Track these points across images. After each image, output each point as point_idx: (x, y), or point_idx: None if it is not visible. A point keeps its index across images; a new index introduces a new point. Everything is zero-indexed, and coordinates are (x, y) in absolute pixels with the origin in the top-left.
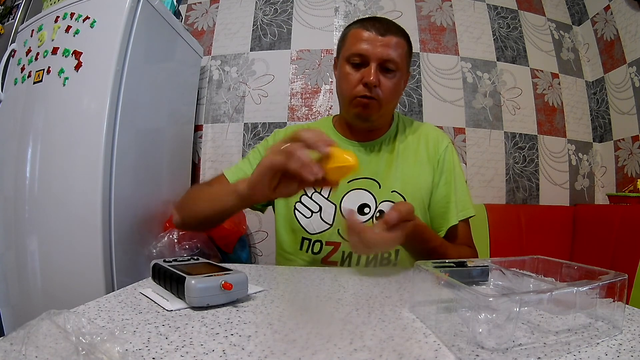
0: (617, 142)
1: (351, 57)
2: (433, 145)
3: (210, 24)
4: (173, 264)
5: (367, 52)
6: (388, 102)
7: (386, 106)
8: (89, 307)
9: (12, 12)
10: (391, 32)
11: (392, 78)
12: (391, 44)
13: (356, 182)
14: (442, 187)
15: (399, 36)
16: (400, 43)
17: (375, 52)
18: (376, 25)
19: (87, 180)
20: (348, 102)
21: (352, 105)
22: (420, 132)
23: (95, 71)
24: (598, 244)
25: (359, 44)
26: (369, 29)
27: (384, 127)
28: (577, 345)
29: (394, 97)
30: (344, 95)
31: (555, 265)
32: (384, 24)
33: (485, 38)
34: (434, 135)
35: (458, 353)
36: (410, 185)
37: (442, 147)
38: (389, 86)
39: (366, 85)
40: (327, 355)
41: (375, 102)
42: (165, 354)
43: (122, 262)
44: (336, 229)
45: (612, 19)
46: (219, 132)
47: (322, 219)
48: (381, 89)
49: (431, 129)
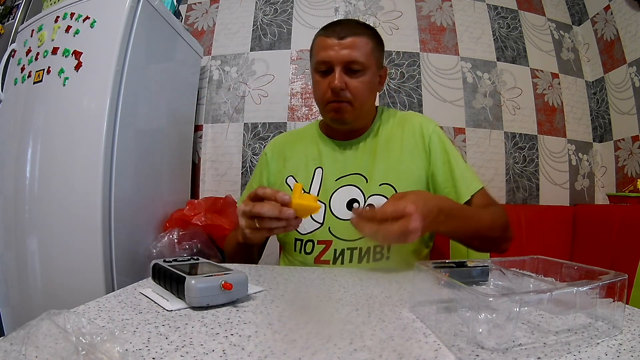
0: (617, 142)
1: (317, 66)
2: (419, 132)
3: (210, 24)
4: (173, 264)
5: (329, 58)
6: (360, 101)
7: (360, 105)
8: (89, 307)
9: (12, 12)
10: (352, 34)
11: (360, 77)
12: (354, 45)
13: (343, 179)
14: (442, 168)
15: (361, 35)
16: (363, 41)
17: (338, 56)
18: (336, 30)
19: (87, 180)
20: (322, 108)
21: (326, 111)
22: (404, 121)
23: (95, 71)
24: (598, 244)
25: (322, 51)
26: (330, 35)
27: (366, 124)
28: (577, 345)
29: (366, 95)
30: (317, 103)
31: (555, 265)
32: (344, 27)
33: (485, 38)
34: (418, 122)
35: (458, 353)
36: (399, 175)
37: (429, 132)
38: (357, 86)
39: (333, 91)
40: (327, 355)
41: (346, 105)
42: (165, 354)
43: (122, 262)
44: (327, 227)
45: (612, 19)
46: (219, 132)
47: (312, 219)
48: (350, 91)
49: (415, 116)
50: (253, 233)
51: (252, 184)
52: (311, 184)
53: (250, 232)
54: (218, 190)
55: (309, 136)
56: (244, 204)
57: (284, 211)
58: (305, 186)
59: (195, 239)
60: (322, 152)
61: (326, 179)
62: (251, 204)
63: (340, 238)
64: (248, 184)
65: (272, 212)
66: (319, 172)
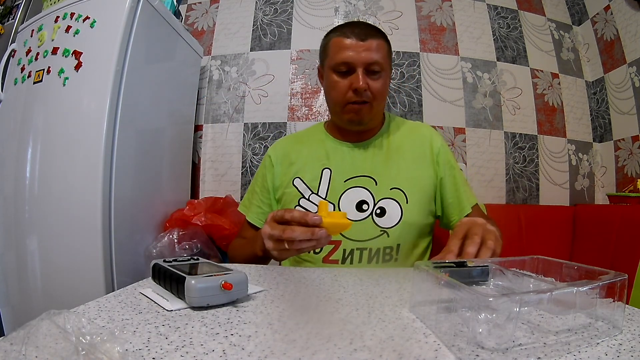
0: (617, 142)
1: (337, 66)
2: (428, 143)
3: (210, 24)
4: (173, 264)
5: (351, 59)
6: (379, 102)
7: (377, 106)
8: (89, 307)
9: (12, 12)
10: (371, 36)
11: (378, 79)
12: (373, 47)
13: (353, 181)
14: (448, 180)
15: (379, 38)
16: (381, 44)
17: (360, 57)
18: (356, 31)
19: (87, 180)
20: (340, 109)
21: (345, 112)
22: (414, 130)
23: (95, 71)
24: (598, 244)
25: (342, 52)
26: (349, 36)
27: (376, 126)
28: (577, 345)
29: (383, 96)
30: (335, 103)
31: (555, 265)
32: (363, 29)
33: (485, 38)
34: (429, 134)
35: (458, 353)
36: (410, 181)
37: (437, 145)
38: (377, 87)
39: (356, 91)
40: (327, 355)
41: (367, 105)
42: (165, 354)
43: (122, 262)
44: None
45: (612, 19)
46: (219, 132)
47: None
48: (370, 91)
49: (425, 128)
50: (282, 254)
51: (254, 187)
52: (319, 184)
53: (279, 253)
54: (218, 190)
55: (315, 138)
56: (270, 227)
57: (316, 232)
58: (314, 187)
59: (195, 239)
60: (329, 153)
61: (334, 179)
62: (279, 227)
63: (350, 238)
64: (250, 188)
65: (304, 235)
66: (327, 172)
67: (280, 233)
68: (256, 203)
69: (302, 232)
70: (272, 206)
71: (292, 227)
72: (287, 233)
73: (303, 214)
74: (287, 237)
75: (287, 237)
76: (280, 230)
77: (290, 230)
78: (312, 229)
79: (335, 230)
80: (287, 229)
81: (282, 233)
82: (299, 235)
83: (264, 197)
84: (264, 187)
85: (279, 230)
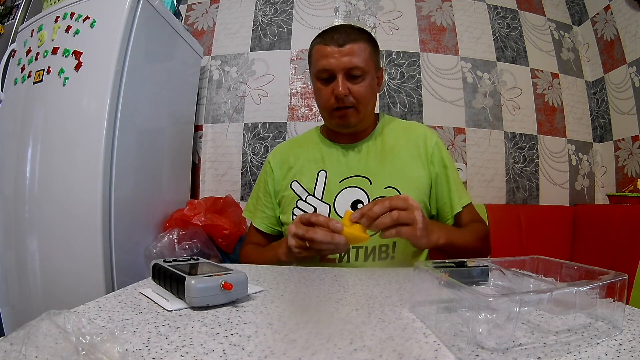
0: (617, 142)
1: (319, 74)
2: (423, 142)
3: (210, 24)
4: (173, 264)
5: (331, 65)
6: (364, 105)
7: (364, 109)
8: (89, 307)
9: (12, 12)
10: (350, 40)
11: (361, 82)
12: (353, 51)
13: (348, 181)
14: (441, 179)
15: (359, 41)
16: (361, 47)
17: (339, 64)
18: (334, 37)
19: (87, 180)
20: (327, 115)
21: (332, 118)
22: (408, 129)
23: (95, 71)
24: (598, 244)
25: (322, 60)
26: (329, 43)
27: (369, 127)
28: (577, 345)
29: (369, 98)
30: (321, 109)
31: (555, 265)
32: (342, 34)
33: (485, 38)
34: (423, 133)
35: (458, 353)
36: (404, 180)
37: (432, 143)
38: (360, 90)
39: (338, 97)
40: (327, 355)
41: (352, 110)
42: (165, 354)
43: (122, 262)
44: None
45: (612, 19)
46: (219, 132)
47: None
48: (353, 96)
49: (419, 127)
50: (301, 252)
51: (257, 193)
52: (315, 186)
53: (299, 251)
54: (218, 190)
55: (310, 141)
56: (295, 226)
57: (335, 237)
58: (310, 189)
59: (195, 239)
60: (324, 155)
61: (330, 181)
62: (304, 227)
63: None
64: (253, 194)
65: (324, 237)
66: (323, 174)
67: (304, 232)
68: (260, 208)
69: (323, 234)
70: (276, 210)
71: (315, 229)
72: (310, 233)
73: (327, 219)
74: (309, 236)
75: (309, 236)
76: (304, 230)
77: (312, 231)
78: (332, 234)
79: (353, 241)
80: (310, 230)
81: (305, 232)
82: (319, 237)
83: (267, 202)
84: (267, 192)
85: (303, 230)
